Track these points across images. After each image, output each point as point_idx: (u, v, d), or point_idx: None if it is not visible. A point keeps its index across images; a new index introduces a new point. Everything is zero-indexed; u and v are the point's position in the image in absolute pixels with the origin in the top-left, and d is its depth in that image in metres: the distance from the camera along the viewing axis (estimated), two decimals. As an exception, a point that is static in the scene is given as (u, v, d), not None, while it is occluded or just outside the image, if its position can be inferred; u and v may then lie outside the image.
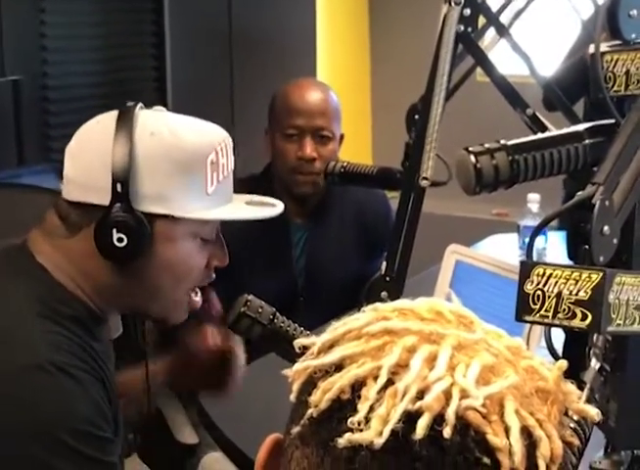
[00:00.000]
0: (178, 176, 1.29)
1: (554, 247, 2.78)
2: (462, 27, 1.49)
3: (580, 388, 0.99)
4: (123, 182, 1.27)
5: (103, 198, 1.28)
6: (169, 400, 2.17)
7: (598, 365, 1.00)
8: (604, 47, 1.26)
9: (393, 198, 2.56)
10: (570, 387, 0.68)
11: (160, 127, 1.31)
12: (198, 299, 1.42)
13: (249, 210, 1.39)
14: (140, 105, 1.34)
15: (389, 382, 0.63)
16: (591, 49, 1.25)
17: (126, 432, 1.66)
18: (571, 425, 0.77)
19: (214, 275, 1.43)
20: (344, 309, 2.65)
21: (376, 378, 0.64)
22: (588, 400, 0.98)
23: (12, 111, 3.30)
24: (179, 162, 1.29)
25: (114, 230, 1.27)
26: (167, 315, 1.41)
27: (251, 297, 1.52)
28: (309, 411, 0.65)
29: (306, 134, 2.38)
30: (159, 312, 1.41)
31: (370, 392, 0.63)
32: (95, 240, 1.28)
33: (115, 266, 1.31)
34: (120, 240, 1.27)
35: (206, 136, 1.34)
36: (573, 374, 0.97)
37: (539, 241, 2.75)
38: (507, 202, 3.86)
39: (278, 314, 1.52)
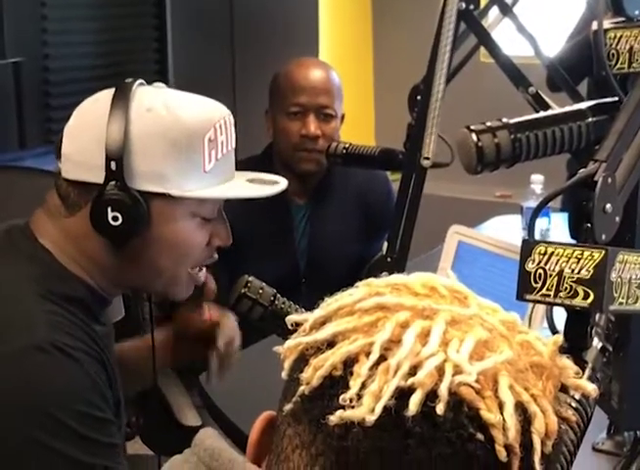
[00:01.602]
0: (174, 154, 1.28)
1: (557, 228, 2.77)
2: (463, 5, 1.47)
3: (582, 368, 0.99)
4: (117, 160, 1.25)
5: (98, 176, 1.26)
6: (172, 383, 2.17)
7: (600, 345, 0.99)
8: (607, 24, 1.24)
9: (396, 181, 2.56)
10: (566, 362, 0.68)
11: (156, 104, 1.29)
12: (202, 275, 1.40)
13: (249, 188, 1.37)
14: (140, 81, 1.33)
15: (382, 358, 0.63)
16: (594, 26, 1.24)
17: (129, 414, 1.66)
18: (573, 404, 0.76)
19: (216, 255, 1.41)
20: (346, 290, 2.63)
21: (368, 354, 0.63)
22: (590, 380, 0.97)
23: (13, 93, 3.29)
24: (175, 139, 1.28)
25: (109, 208, 1.25)
26: (170, 293, 1.40)
27: (251, 278, 1.51)
28: (301, 388, 0.65)
29: (309, 112, 2.38)
30: (161, 290, 1.40)
31: (362, 368, 0.63)
32: (90, 219, 1.27)
33: (113, 246, 1.30)
34: (115, 218, 1.26)
35: (205, 113, 1.32)
36: (575, 354, 0.96)
37: (543, 222, 2.74)
38: (510, 183, 3.85)
39: (279, 296, 1.52)
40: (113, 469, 1.25)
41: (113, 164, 1.25)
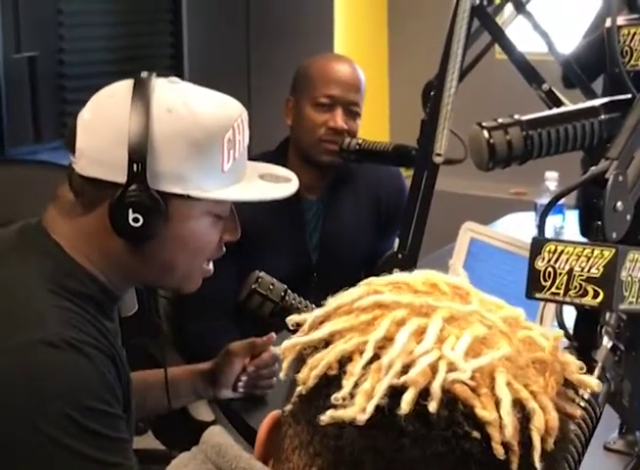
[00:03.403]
0: (195, 155, 1.28)
1: (572, 225, 2.76)
2: (477, 1, 1.47)
3: (592, 367, 0.98)
4: (140, 161, 1.24)
5: (118, 176, 1.26)
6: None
7: (610, 344, 0.98)
8: (621, 20, 1.23)
9: (409, 177, 2.55)
10: (568, 357, 0.67)
11: (176, 104, 1.28)
12: (210, 268, 1.41)
13: (264, 187, 1.37)
14: (154, 74, 1.32)
15: (375, 357, 0.62)
16: (608, 22, 1.23)
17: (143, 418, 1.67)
18: (582, 403, 0.76)
19: (225, 249, 1.41)
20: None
21: (362, 353, 0.63)
22: (599, 379, 0.97)
23: (28, 87, 3.30)
24: (196, 141, 1.27)
25: (131, 210, 1.25)
26: (181, 287, 1.41)
27: (262, 274, 1.51)
28: (298, 389, 0.65)
29: (338, 105, 2.37)
30: (172, 286, 1.41)
31: (355, 367, 0.62)
32: (110, 219, 1.27)
33: (130, 245, 1.30)
34: (136, 220, 1.25)
35: (224, 113, 1.32)
36: (585, 353, 0.95)
37: (557, 220, 2.72)
38: (525, 181, 3.83)
39: (289, 291, 1.51)
40: (122, 464, 1.25)
41: (135, 167, 1.25)
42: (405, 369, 0.61)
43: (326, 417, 0.61)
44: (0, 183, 2.08)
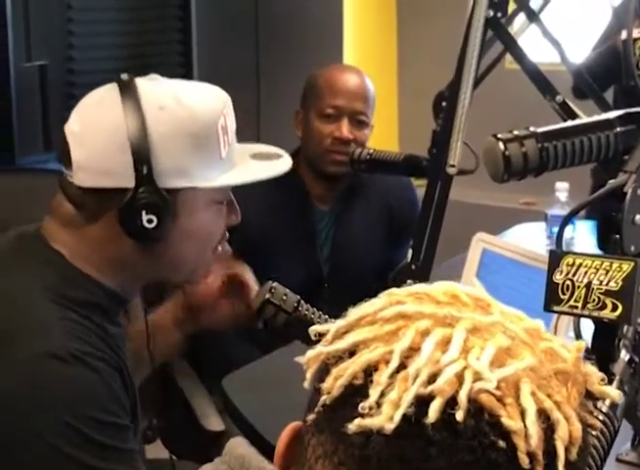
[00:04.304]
0: (195, 147, 1.28)
1: (582, 236, 2.75)
2: (491, 12, 1.47)
3: (610, 380, 0.98)
4: (146, 163, 1.25)
5: (125, 181, 1.25)
6: (195, 387, 2.17)
7: (628, 357, 0.98)
8: (636, 33, 1.23)
9: (419, 186, 2.55)
10: (590, 368, 0.67)
11: (166, 100, 1.28)
12: (227, 248, 1.42)
13: (262, 167, 1.38)
14: (131, 76, 1.32)
15: (402, 366, 0.63)
16: (623, 35, 1.23)
17: (150, 417, 1.66)
18: (600, 417, 0.76)
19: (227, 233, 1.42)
20: (369, 296, 2.62)
21: (388, 362, 0.63)
22: (618, 392, 0.97)
23: (38, 95, 3.31)
24: (194, 133, 1.28)
25: (144, 212, 1.25)
26: (190, 279, 1.43)
27: (275, 284, 1.51)
28: (322, 398, 0.65)
29: (344, 115, 2.39)
30: (182, 279, 1.43)
31: (382, 376, 0.62)
32: (122, 224, 1.26)
33: (142, 246, 1.30)
34: (150, 221, 1.26)
35: (214, 101, 1.33)
36: (603, 366, 0.95)
37: (567, 230, 2.72)
38: (535, 191, 3.83)
39: (302, 302, 1.51)
40: None
41: (142, 169, 1.25)
42: (431, 379, 0.61)
43: (353, 426, 0.61)
44: (11, 192, 2.08)
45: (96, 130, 1.28)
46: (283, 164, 1.40)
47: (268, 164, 1.39)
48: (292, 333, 1.53)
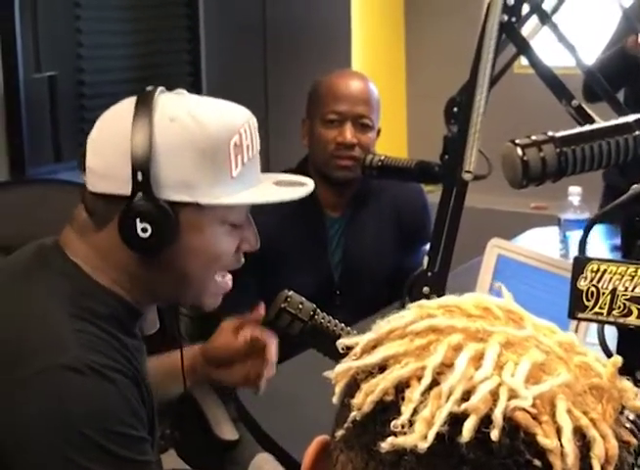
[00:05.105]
0: (201, 163, 1.26)
1: (595, 238, 2.74)
2: (506, 17, 1.46)
3: (636, 386, 0.96)
4: (144, 171, 1.23)
5: (124, 188, 1.25)
6: (209, 396, 2.16)
7: (654, 364, 0.97)
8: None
9: (429, 192, 2.54)
10: (625, 383, 0.66)
11: (179, 112, 1.27)
12: (229, 281, 1.39)
13: (277, 191, 1.36)
14: (160, 89, 1.31)
15: (434, 383, 0.62)
16: (634, 38, 1.22)
17: (163, 427, 1.65)
18: (627, 425, 0.75)
19: (243, 259, 1.40)
20: (381, 303, 2.61)
21: (420, 379, 0.62)
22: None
23: (48, 107, 3.31)
24: (201, 148, 1.26)
25: (138, 220, 1.24)
26: (201, 302, 1.39)
27: (291, 293, 1.50)
28: (352, 414, 0.64)
29: (347, 120, 2.39)
30: (191, 300, 1.39)
31: (414, 393, 0.61)
32: (119, 231, 1.26)
33: (143, 257, 1.29)
34: (145, 230, 1.24)
35: (229, 119, 1.31)
36: (629, 373, 0.94)
37: (579, 233, 2.70)
38: (546, 195, 3.80)
39: (318, 310, 1.50)
40: None
41: (139, 176, 1.24)
42: (465, 396, 0.60)
43: (386, 444, 0.60)
44: (21, 203, 2.08)
45: (106, 137, 1.30)
46: (300, 190, 1.38)
47: (286, 189, 1.37)
48: (307, 342, 1.52)
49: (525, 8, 1.55)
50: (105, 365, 1.22)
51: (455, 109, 1.65)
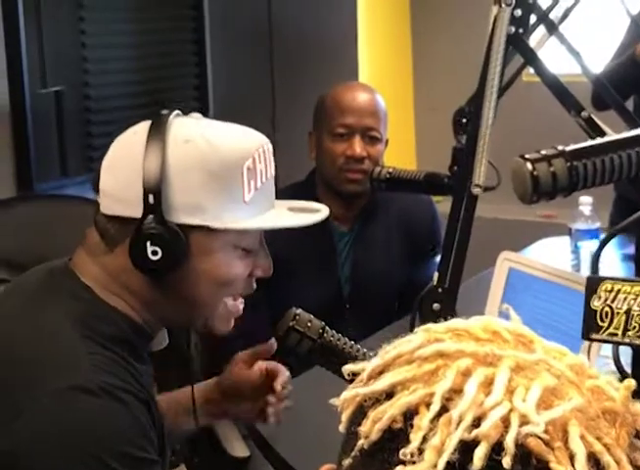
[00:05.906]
0: (213, 186, 1.25)
1: (607, 249, 2.71)
2: (513, 29, 1.44)
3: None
4: (155, 193, 1.23)
5: (136, 210, 1.24)
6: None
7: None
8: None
9: (439, 201, 2.53)
10: (639, 407, 0.64)
11: (193, 135, 1.26)
12: (240, 305, 1.38)
13: (290, 217, 1.34)
14: (176, 112, 1.30)
15: (443, 409, 0.60)
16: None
17: (172, 443, 1.64)
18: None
19: (255, 285, 1.39)
20: (390, 316, 2.59)
21: (429, 405, 0.61)
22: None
23: (54, 121, 3.30)
24: (214, 171, 1.25)
25: (148, 243, 1.23)
26: (212, 326, 1.37)
27: (299, 311, 1.48)
28: (360, 442, 0.62)
29: (356, 133, 2.38)
30: (202, 324, 1.37)
31: (423, 420, 0.60)
32: (130, 254, 1.25)
33: (153, 280, 1.28)
34: (155, 253, 1.23)
35: (243, 142, 1.29)
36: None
37: (593, 244, 2.68)
38: (554, 203, 3.78)
39: (327, 328, 1.48)
40: None
41: (150, 198, 1.23)
42: (476, 422, 0.59)
43: None
44: (28, 219, 2.07)
45: (119, 158, 1.29)
46: (309, 217, 1.35)
47: (299, 215, 1.35)
48: (316, 360, 1.50)
49: (532, 18, 1.54)
50: (116, 386, 1.21)
51: (463, 120, 1.64)
